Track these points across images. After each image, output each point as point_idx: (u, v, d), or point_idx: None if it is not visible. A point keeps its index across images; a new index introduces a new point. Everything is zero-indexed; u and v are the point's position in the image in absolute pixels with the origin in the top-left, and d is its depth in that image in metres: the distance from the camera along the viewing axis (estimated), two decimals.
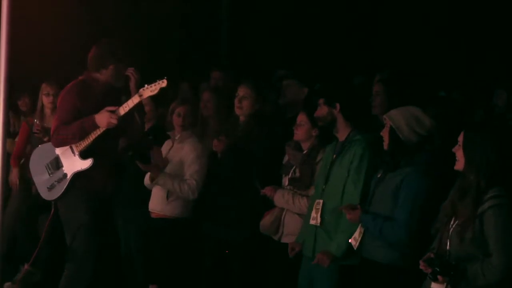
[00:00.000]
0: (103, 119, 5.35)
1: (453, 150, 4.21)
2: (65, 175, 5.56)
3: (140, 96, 5.35)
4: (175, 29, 9.83)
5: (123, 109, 5.36)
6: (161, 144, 6.34)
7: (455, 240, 4.12)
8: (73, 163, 5.54)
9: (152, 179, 6.15)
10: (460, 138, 4.19)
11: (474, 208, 4.05)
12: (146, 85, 5.34)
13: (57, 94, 6.93)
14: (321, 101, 5.20)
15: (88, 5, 8.81)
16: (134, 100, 5.36)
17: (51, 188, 5.63)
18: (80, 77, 5.65)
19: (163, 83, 5.30)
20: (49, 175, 5.65)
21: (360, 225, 4.81)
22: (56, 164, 5.63)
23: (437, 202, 4.40)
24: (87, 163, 5.48)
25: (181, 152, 6.18)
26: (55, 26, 8.27)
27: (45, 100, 7.21)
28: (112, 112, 5.34)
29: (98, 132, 5.41)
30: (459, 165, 4.18)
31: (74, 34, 8.40)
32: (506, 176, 4.07)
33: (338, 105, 5.13)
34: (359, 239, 4.81)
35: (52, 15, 7.74)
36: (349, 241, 4.87)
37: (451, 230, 4.17)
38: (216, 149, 6.06)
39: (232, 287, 5.97)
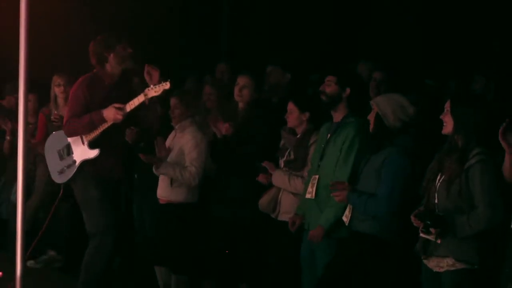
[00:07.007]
0: (110, 114, 5.67)
1: (441, 117, 4.54)
2: (74, 161, 5.92)
3: (145, 95, 5.64)
4: (178, 23, 10.06)
5: (129, 106, 5.66)
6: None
7: (442, 194, 4.46)
8: (82, 151, 5.89)
9: (156, 168, 6.31)
10: (447, 105, 4.51)
11: (461, 163, 4.37)
12: (151, 86, 5.65)
13: (68, 84, 7.29)
14: (332, 79, 5.39)
15: (93, 2, 9.10)
16: (139, 99, 5.65)
17: (61, 172, 6.00)
18: (91, 72, 5.95)
19: (166, 85, 5.61)
20: (61, 160, 6.01)
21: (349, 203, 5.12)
22: (68, 150, 5.98)
23: (416, 180, 4.72)
24: (94, 153, 5.82)
25: (182, 140, 6.39)
26: (62, 23, 8.59)
27: (57, 90, 7.49)
28: (119, 109, 5.66)
29: (105, 125, 5.73)
30: (447, 129, 4.52)
31: (80, 29, 8.68)
32: (488, 137, 4.39)
33: (348, 90, 5.39)
34: (350, 215, 5.10)
35: (56, 13, 7.96)
36: (342, 218, 5.16)
37: (438, 186, 4.50)
38: (226, 132, 6.17)
39: (240, 266, 6.18)
